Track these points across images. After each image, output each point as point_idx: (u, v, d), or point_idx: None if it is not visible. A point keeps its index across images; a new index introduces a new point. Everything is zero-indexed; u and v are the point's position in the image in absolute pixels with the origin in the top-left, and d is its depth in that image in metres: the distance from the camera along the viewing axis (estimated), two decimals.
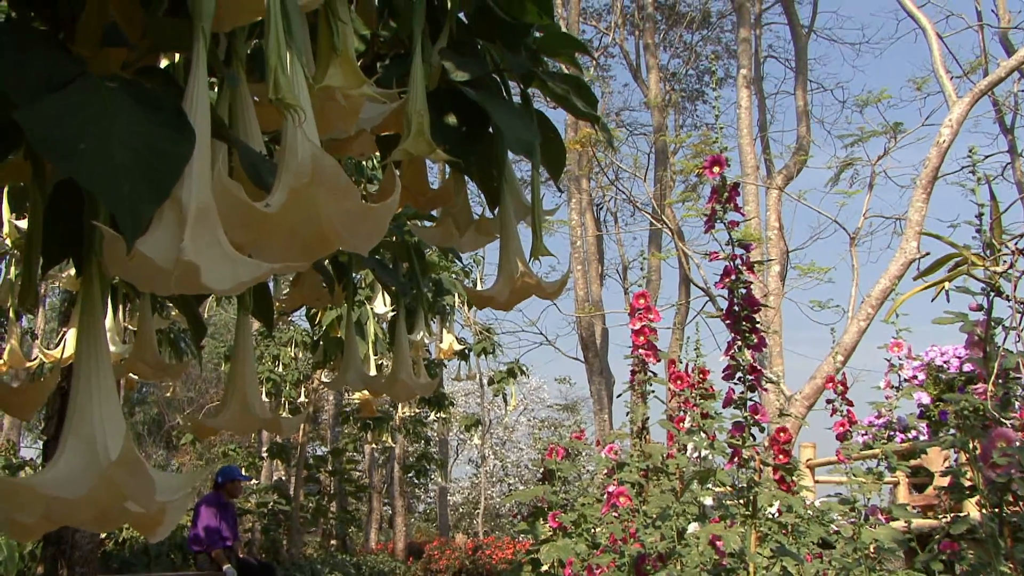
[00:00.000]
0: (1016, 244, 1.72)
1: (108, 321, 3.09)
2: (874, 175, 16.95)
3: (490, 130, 1.72)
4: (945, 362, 6.71)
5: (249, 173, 1.01)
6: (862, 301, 12.52)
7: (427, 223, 2.33)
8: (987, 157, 20.24)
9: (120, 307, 3.21)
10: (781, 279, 16.65)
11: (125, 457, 0.79)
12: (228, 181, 0.88)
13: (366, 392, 4.37)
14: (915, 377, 5.46)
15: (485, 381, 13.05)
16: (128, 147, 0.85)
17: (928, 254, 12.00)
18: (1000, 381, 3.09)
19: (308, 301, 2.44)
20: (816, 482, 10.46)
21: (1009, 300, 1.72)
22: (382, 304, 4.38)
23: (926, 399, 6.55)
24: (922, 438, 6.01)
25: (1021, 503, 2.97)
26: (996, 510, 3.11)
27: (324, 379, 11.48)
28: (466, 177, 1.86)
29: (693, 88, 27.06)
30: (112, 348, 2.87)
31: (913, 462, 6.02)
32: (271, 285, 2.71)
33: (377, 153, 1.95)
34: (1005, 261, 1.72)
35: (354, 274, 4.33)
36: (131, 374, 2.19)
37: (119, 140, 0.85)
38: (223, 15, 1.00)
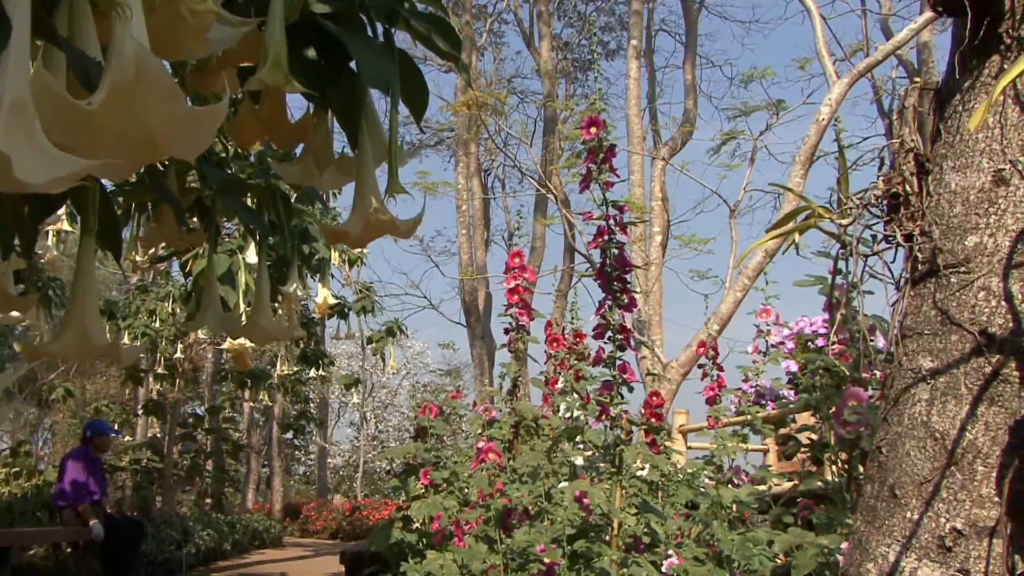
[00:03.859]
0: (860, 198, 1.77)
1: None
2: (756, 149, 17.30)
3: (351, 67, 1.71)
4: (814, 331, 6.89)
5: (79, 76, 0.99)
6: (739, 273, 12.81)
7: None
8: (866, 139, 20.84)
9: None
10: (662, 249, 16.89)
11: None
12: (48, 77, 0.85)
13: (238, 341, 4.32)
14: (783, 343, 5.60)
15: (365, 341, 13.00)
16: None
17: (802, 233, 12.29)
18: (846, 335, 3.20)
19: (169, 240, 2.40)
20: (688, 447, 10.70)
21: (852, 255, 1.78)
22: (254, 254, 4.31)
23: (795, 367, 6.73)
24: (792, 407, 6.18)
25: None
26: (846, 466, 3.23)
27: (181, 308, 11.30)
28: (329, 116, 1.85)
29: (585, 58, 27.14)
30: None
31: (782, 430, 6.19)
32: (130, 227, 2.65)
33: (240, 91, 1.93)
34: (850, 214, 1.78)
35: (226, 222, 4.25)
36: None
37: None
38: None
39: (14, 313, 3.38)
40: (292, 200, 2.80)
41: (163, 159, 0.96)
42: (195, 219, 2.62)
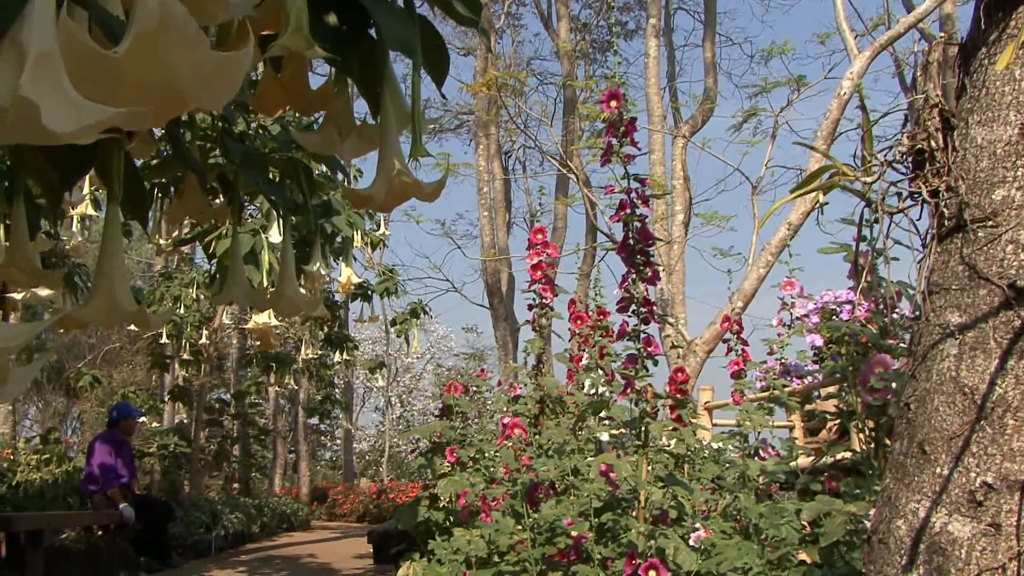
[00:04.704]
0: (885, 155, 1.76)
1: None
2: (777, 126, 17.15)
3: (371, 33, 1.72)
4: (838, 305, 6.86)
5: (103, 30, 1.00)
6: (762, 249, 12.75)
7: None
8: (886, 114, 20.65)
9: None
10: (685, 228, 16.82)
11: None
12: (73, 27, 0.85)
13: (263, 321, 4.34)
14: (807, 316, 5.58)
15: (389, 324, 13.02)
16: None
17: (827, 203, 12.23)
18: (872, 303, 3.19)
19: (192, 214, 2.41)
20: (714, 424, 10.67)
21: (877, 212, 1.77)
22: (277, 234, 4.33)
23: (819, 341, 6.70)
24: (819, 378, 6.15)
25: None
26: (873, 434, 3.21)
27: (205, 294, 11.45)
28: (349, 85, 1.85)
29: (604, 39, 27.04)
30: None
31: (808, 407, 6.17)
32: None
33: (261, 65, 1.93)
34: (875, 172, 1.77)
35: (248, 202, 4.26)
36: (4, 281, 2.13)
37: None
38: None
39: (43, 292, 3.41)
40: (314, 174, 2.80)
41: (189, 110, 0.97)
42: (217, 200, 2.63)
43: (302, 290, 3.89)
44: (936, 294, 1.75)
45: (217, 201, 2.67)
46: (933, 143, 1.74)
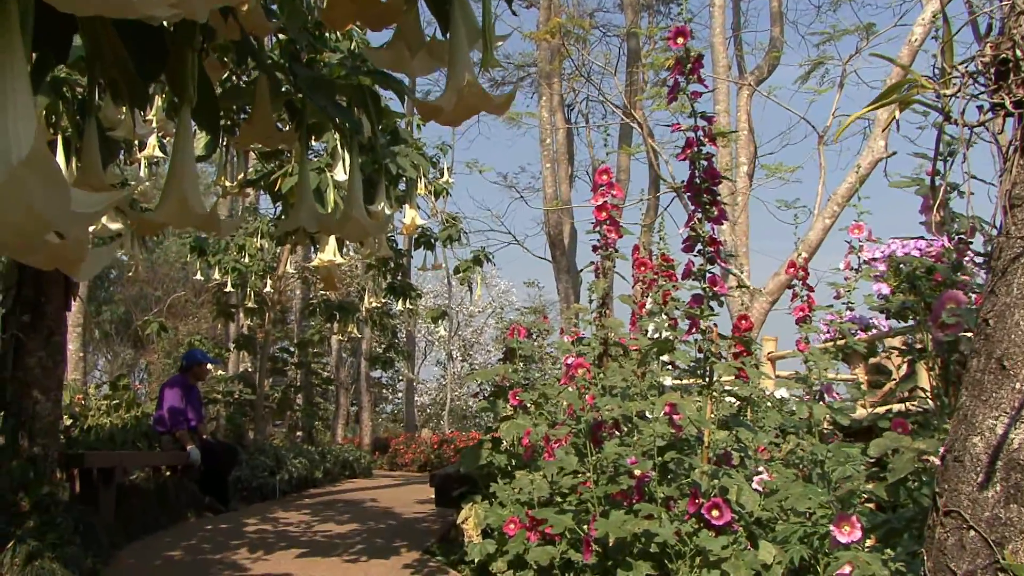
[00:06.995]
0: (966, 67, 1.71)
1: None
2: (844, 74, 16.83)
3: None
4: (906, 253, 6.75)
5: None
6: (828, 199, 12.57)
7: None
8: (961, 63, 20.15)
9: (72, 159, 3.16)
10: (749, 179, 16.64)
11: (36, 157, 0.77)
12: None
13: (327, 259, 4.36)
14: (874, 259, 5.50)
15: (451, 272, 13.06)
16: None
17: (895, 153, 12.02)
18: (950, 241, 3.13)
19: (260, 139, 2.41)
20: (777, 376, 10.59)
21: (957, 124, 1.72)
22: (342, 171, 4.34)
23: (886, 290, 6.60)
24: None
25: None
26: (942, 369, 3.16)
27: (269, 243, 11.60)
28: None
29: None
30: None
31: (872, 360, 6.07)
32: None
33: None
34: (955, 84, 1.72)
35: (312, 141, 4.28)
36: None
37: None
38: None
39: (113, 225, 3.46)
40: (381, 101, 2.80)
41: None
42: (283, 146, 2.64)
43: None
44: (1018, 207, 1.70)
45: (282, 144, 2.68)
46: (1020, 52, 1.68)
